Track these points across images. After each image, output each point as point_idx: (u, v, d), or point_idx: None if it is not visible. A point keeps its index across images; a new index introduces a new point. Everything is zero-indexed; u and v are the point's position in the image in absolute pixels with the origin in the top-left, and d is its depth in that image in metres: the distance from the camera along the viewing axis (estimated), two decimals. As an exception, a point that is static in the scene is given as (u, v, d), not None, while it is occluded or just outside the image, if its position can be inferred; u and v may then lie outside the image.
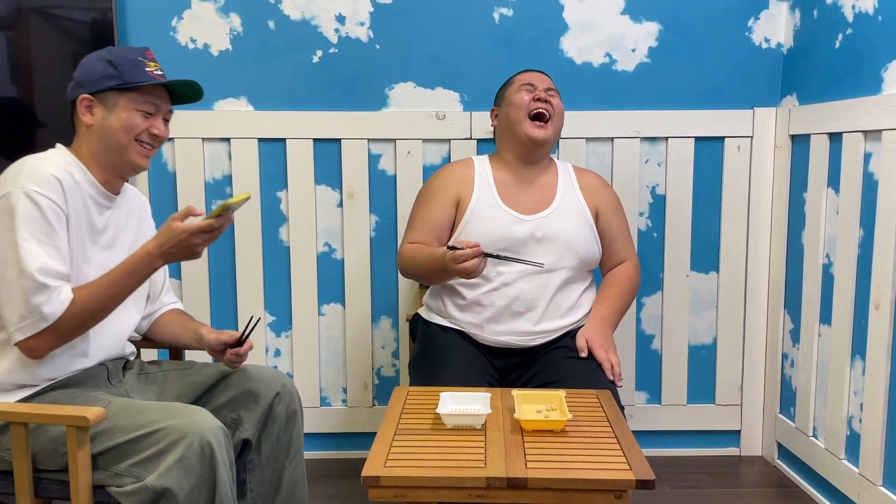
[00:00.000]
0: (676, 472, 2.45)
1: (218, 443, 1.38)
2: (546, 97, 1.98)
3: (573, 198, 2.01)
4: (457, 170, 2.04)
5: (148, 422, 1.38)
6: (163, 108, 1.60)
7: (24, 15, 2.24)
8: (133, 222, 1.69)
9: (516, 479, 1.30)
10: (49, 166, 1.47)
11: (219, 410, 1.65)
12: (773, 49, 2.45)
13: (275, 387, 1.66)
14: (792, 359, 2.41)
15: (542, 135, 1.96)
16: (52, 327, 1.42)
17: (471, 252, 1.73)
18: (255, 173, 2.44)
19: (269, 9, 2.40)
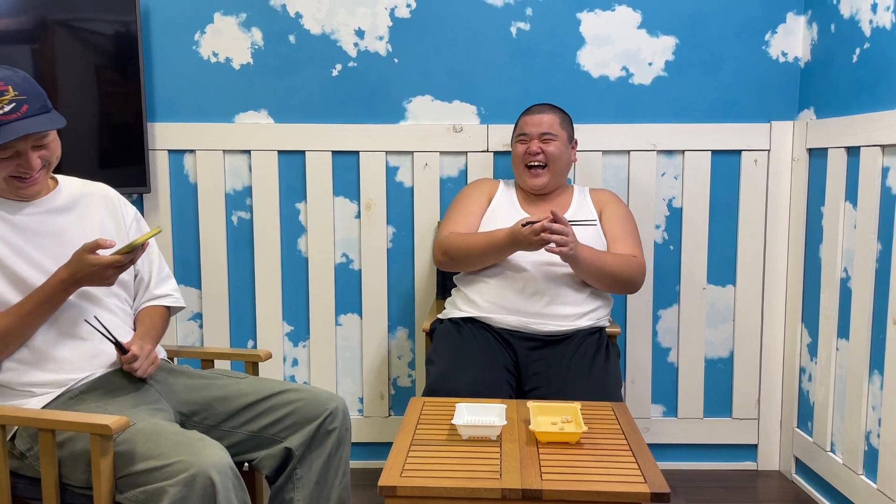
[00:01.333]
0: (693, 485, 2.44)
1: (223, 483, 1.35)
2: (538, 147, 2.12)
3: (584, 208, 2.18)
4: (487, 181, 2.29)
5: (160, 453, 1.38)
6: (24, 146, 1.50)
7: (49, 27, 2.27)
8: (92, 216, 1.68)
9: (531, 491, 1.31)
10: None
11: (268, 427, 1.64)
12: (791, 63, 2.46)
13: (329, 405, 1.65)
14: (809, 373, 2.40)
15: (540, 183, 2.14)
16: None
17: (546, 221, 1.89)
18: (275, 185, 2.48)
19: (290, 23, 2.44)
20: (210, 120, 2.46)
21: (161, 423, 1.47)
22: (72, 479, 1.45)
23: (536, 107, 2.20)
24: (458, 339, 2.01)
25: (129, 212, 1.77)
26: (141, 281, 1.78)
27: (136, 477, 1.38)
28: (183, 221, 2.50)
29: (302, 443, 1.62)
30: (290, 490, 1.63)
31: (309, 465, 1.64)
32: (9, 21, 2.20)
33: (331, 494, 1.66)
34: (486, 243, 2.03)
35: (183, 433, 1.43)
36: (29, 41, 2.25)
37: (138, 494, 1.37)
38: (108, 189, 1.77)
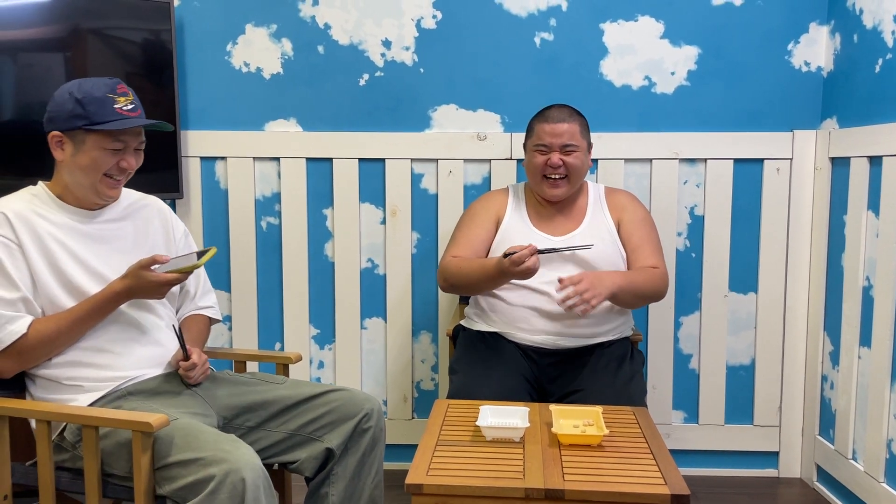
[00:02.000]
0: (713, 492, 2.46)
1: (253, 482, 1.38)
2: (559, 160, 2.03)
3: (601, 217, 2.12)
4: (495, 195, 2.21)
5: (197, 446, 1.43)
6: (132, 143, 1.64)
7: (82, 35, 2.30)
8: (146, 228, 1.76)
9: (554, 491, 1.35)
10: (4, 204, 1.61)
11: (306, 425, 1.70)
12: (813, 72, 2.47)
13: (365, 407, 1.72)
14: (831, 381, 2.41)
15: (559, 193, 2.08)
16: (12, 353, 1.54)
17: (527, 251, 1.83)
18: (303, 191, 2.54)
19: (319, 34, 2.50)
20: (241, 128, 2.53)
21: (199, 424, 1.53)
22: (115, 469, 1.51)
23: (555, 112, 2.07)
24: (480, 350, 2.03)
25: (178, 227, 1.86)
26: (187, 293, 1.86)
27: (171, 469, 1.43)
28: (214, 226, 2.57)
29: (341, 442, 1.69)
30: (326, 485, 1.70)
31: (344, 463, 1.70)
32: (44, 29, 2.24)
33: (363, 492, 1.72)
34: (480, 273, 1.97)
35: (219, 434, 1.49)
36: (63, 49, 2.28)
37: (176, 491, 1.42)
38: (162, 203, 1.86)
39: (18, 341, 1.53)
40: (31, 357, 1.57)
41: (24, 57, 2.23)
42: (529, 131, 2.13)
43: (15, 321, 1.54)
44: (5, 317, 1.53)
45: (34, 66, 2.24)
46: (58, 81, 2.28)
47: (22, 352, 1.54)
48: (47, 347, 1.57)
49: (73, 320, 1.57)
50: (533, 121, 2.12)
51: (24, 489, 1.60)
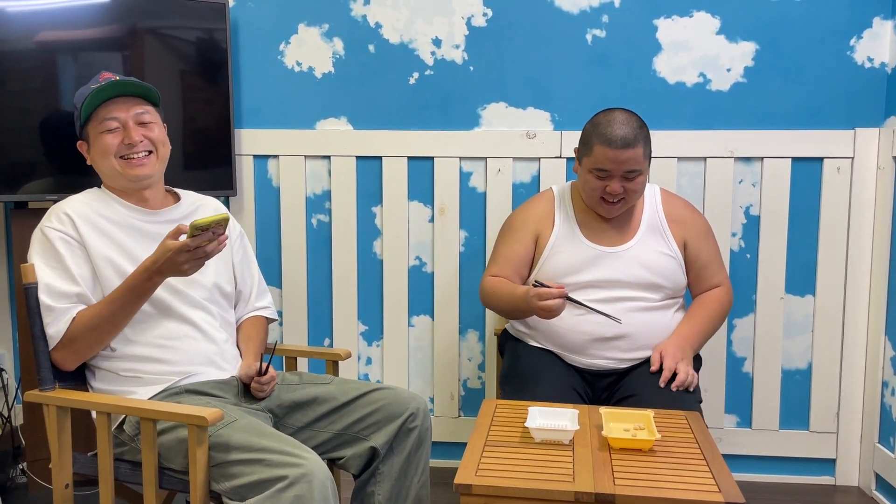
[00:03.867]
0: (767, 499, 2.40)
1: (322, 488, 1.38)
2: (620, 188, 1.88)
3: (657, 227, 2.01)
4: (538, 205, 2.08)
5: (261, 447, 1.43)
6: (126, 116, 1.68)
7: (139, 35, 2.33)
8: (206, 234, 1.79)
9: (604, 496, 1.33)
10: (66, 203, 1.67)
11: (353, 425, 1.71)
12: (877, 68, 2.39)
13: (411, 406, 1.72)
14: (893, 387, 2.33)
15: (616, 213, 1.97)
16: (66, 344, 1.59)
17: (556, 292, 1.75)
18: (353, 189, 2.56)
19: (370, 33, 2.51)
20: (293, 126, 2.56)
21: (262, 424, 1.54)
22: (173, 464, 1.55)
23: (618, 132, 1.85)
24: (530, 365, 1.96)
25: (234, 228, 1.90)
26: (241, 293, 1.89)
27: (231, 466, 1.45)
28: (266, 223, 2.61)
29: (386, 441, 1.69)
30: (371, 484, 1.70)
31: (390, 462, 1.71)
32: (102, 29, 2.29)
33: (409, 491, 1.72)
34: (509, 302, 1.92)
35: (282, 435, 1.50)
36: (121, 48, 2.32)
37: (235, 487, 1.43)
38: (218, 203, 1.90)
39: (68, 332, 1.58)
40: (82, 346, 1.60)
41: (84, 56, 2.29)
42: (587, 146, 1.92)
43: (65, 314, 1.59)
44: (58, 311, 1.59)
45: (93, 65, 2.30)
46: (116, 81, 2.35)
47: (73, 341, 1.59)
48: (93, 334, 1.60)
49: (111, 302, 1.59)
50: (592, 136, 1.90)
51: (84, 479, 1.66)
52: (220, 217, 1.51)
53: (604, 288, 1.94)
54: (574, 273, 1.94)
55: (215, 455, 1.48)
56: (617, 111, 1.92)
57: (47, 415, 1.60)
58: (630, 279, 1.94)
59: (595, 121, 1.93)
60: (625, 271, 1.94)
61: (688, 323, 1.98)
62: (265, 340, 1.91)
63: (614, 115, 1.90)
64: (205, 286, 1.76)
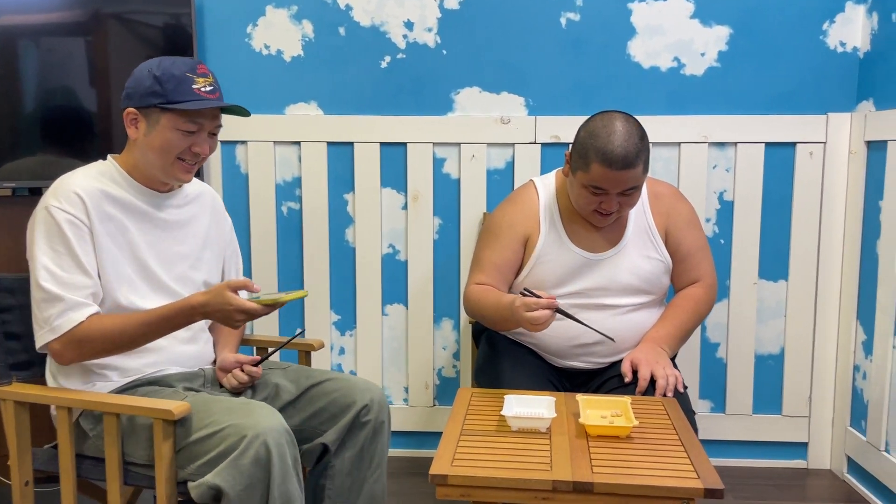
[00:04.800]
0: (741, 483, 2.41)
1: (277, 443, 1.38)
2: (616, 205, 1.78)
3: (645, 227, 1.92)
4: (522, 207, 1.93)
5: (211, 421, 1.41)
6: (207, 126, 1.57)
7: (102, 20, 2.28)
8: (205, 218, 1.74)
9: (582, 484, 1.31)
10: (75, 181, 1.53)
11: (307, 420, 1.67)
12: (849, 53, 2.39)
13: (364, 397, 1.66)
14: (864, 371, 2.35)
15: (605, 223, 1.86)
16: (73, 341, 1.47)
17: (545, 302, 1.64)
18: (324, 176, 2.51)
19: (340, 16, 2.46)
20: (261, 111, 2.50)
21: (208, 396, 1.52)
22: (135, 457, 1.50)
23: (619, 149, 1.69)
24: (507, 358, 1.91)
25: (227, 221, 1.83)
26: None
27: (191, 447, 1.42)
28: (234, 211, 2.53)
29: (337, 437, 1.65)
30: (323, 478, 1.67)
31: (342, 456, 1.66)
32: (64, 14, 2.23)
33: (362, 487, 1.67)
34: (494, 311, 1.80)
35: (231, 400, 1.48)
36: (83, 34, 2.27)
37: (198, 468, 1.41)
38: (215, 192, 1.81)
39: (76, 329, 1.47)
40: (89, 349, 1.50)
41: (46, 42, 2.22)
42: (583, 160, 1.75)
43: (77, 309, 1.48)
44: (69, 302, 1.47)
45: (55, 50, 2.23)
46: (79, 66, 2.28)
47: (82, 342, 1.48)
48: (108, 344, 1.50)
49: (141, 323, 1.50)
50: (590, 152, 1.73)
51: (45, 475, 1.60)
52: (302, 294, 1.53)
53: (590, 296, 1.88)
54: (562, 283, 1.87)
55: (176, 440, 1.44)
56: (617, 120, 1.74)
57: (4, 410, 1.53)
58: (616, 286, 1.87)
59: (593, 131, 1.75)
60: (612, 279, 1.87)
61: (661, 325, 1.90)
62: (242, 333, 1.85)
63: (614, 128, 1.72)
64: (196, 285, 1.69)
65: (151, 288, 1.61)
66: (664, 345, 1.86)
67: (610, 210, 1.79)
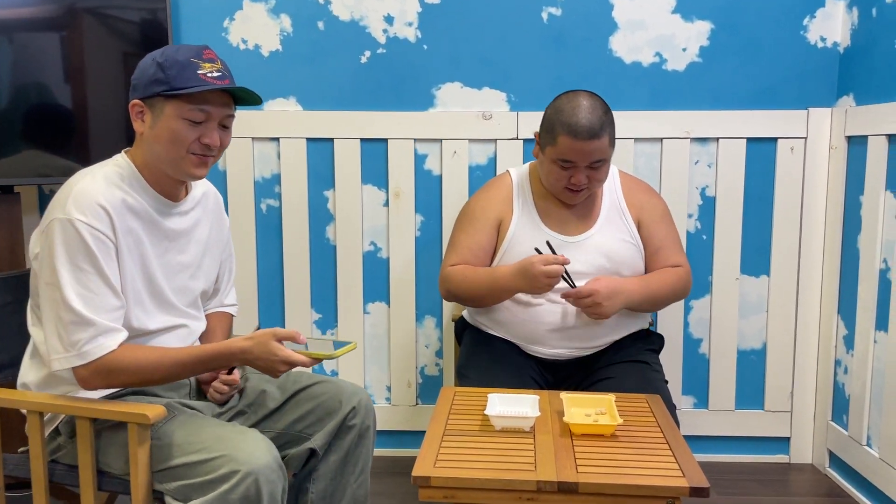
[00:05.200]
0: (724, 478, 2.41)
1: (268, 481, 1.34)
2: (585, 179, 1.82)
3: (618, 211, 1.95)
4: (496, 191, 1.98)
5: (203, 448, 1.36)
6: (216, 114, 1.45)
7: (77, 15, 2.25)
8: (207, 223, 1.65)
9: (567, 484, 1.30)
10: (98, 189, 1.41)
11: (294, 423, 1.63)
12: (830, 48, 2.39)
13: (352, 401, 1.62)
14: (845, 365, 2.35)
15: (577, 200, 1.90)
16: (104, 371, 1.38)
17: (561, 258, 1.71)
18: (304, 172, 2.47)
19: (319, 10, 2.42)
20: (238, 107, 2.44)
21: (199, 415, 1.47)
22: (113, 468, 1.46)
23: (583, 121, 1.77)
24: (489, 355, 1.91)
25: (226, 223, 1.74)
26: (218, 286, 1.75)
27: (176, 470, 1.38)
28: (212, 209, 2.50)
29: (325, 442, 1.62)
30: (307, 482, 1.64)
31: (328, 460, 1.64)
32: (37, 9, 2.20)
33: (346, 490, 1.65)
34: (488, 283, 1.83)
35: (223, 426, 1.43)
36: (57, 28, 2.23)
37: (180, 487, 1.37)
38: (217, 192, 1.72)
39: (107, 357, 1.37)
40: (117, 379, 1.41)
41: (20, 37, 2.17)
42: (550, 134, 1.82)
43: (109, 334, 1.38)
44: (101, 327, 1.37)
45: (29, 46, 2.19)
46: (53, 62, 2.24)
47: (112, 372, 1.38)
48: (138, 378, 1.41)
49: (176, 362, 1.42)
50: (556, 125, 1.80)
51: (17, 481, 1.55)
52: (351, 348, 1.45)
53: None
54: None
55: (156, 455, 1.40)
56: (581, 96, 1.83)
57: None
58: (591, 270, 1.88)
59: (558, 107, 1.84)
60: (586, 261, 1.88)
61: (638, 279, 1.89)
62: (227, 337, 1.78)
63: (579, 102, 1.80)
64: (192, 294, 1.62)
65: (156, 303, 1.53)
66: (631, 290, 1.83)
67: (579, 184, 1.82)
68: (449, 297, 1.97)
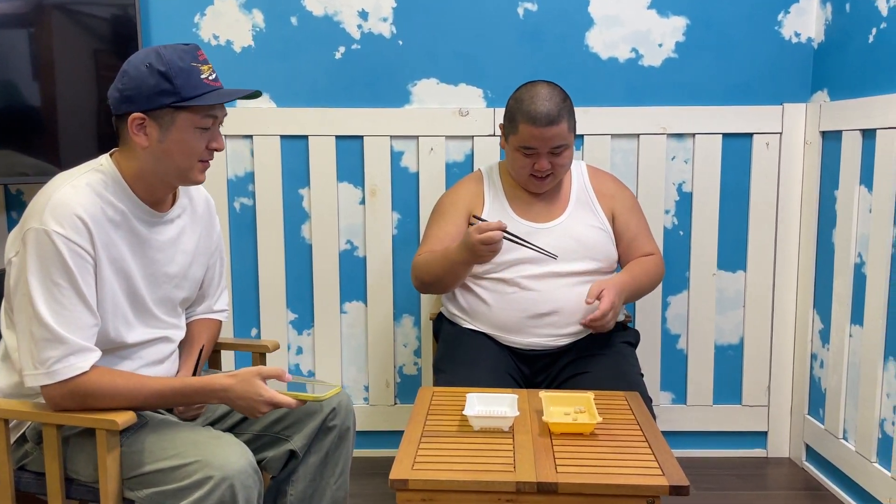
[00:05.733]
0: (702, 473, 2.42)
1: (244, 486, 1.31)
2: (548, 164, 1.88)
3: (586, 201, 2.02)
4: (467, 186, 2.05)
5: (176, 453, 1.33)
6: (221, 117, 1.44)
7: (45, 11, 2.21)
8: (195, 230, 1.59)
9: (547, 484, 1.28)
10: (77, 199, 1.34)
11: (272, 424, 1.60)
12: (804, 44, 2.40)
13: (332, 401, 1.59)
14: (821, 359, 2.37)
15: (546, 188, 1.96)
16: (77, 394, 1.32)
17: (495, 224, 1.73)
18: (278, 170, 2.43)
19: (292, 4, 2.38)
20: (211, 104, 2.41)
21: (171, 420, 1.43)
22: (82, 476, 1.42)
23: (541, 107, 1.84)
24: (466, 347, 1.91)
25: (217, 227, 1.68)
26: (202, 294, 1.69)
27: (148, 477, 1.34)
28: (184, 208, 2.45)
29: (305, 443, 1.59)
30: (286, 484, 1.62)
31: (307, 462, 1.61)
32: (6, 5, 2.15)
33: (325, 492, 1.62)
34: (444, 260, 1.86)
35: (197, 430, 1.40)
36: (26, 25, 2.19)
37: (152, 494, 1.33)
38: (208, 196, 1.65)
39: (79, 379, 1.32)
40: (89, 401, 1.34)
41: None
42: (512, 123, 1.90)
43: (81, 354, 1.32)
44: (73, 346, 1.31)
45: (-1, 43, 2.14)
46: (21, 59, 2.19)
47: (86, 396, 1.33)
48: (111, 403, 1.34)
49: (154, 392, 1.37)
50: (517, 114, 1.88)
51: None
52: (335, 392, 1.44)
53: (536, 264, 1.90)
54: (507, 251, 1.88)
55: (127, 462, 1.36)
56: (539, 85, 1.91)
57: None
58: (562, 255, 1.90)
59: (518, 97, 1.91)
60: (557, 247, 1.90)
61: (626, 273, 1.95)
62: (212, 347, 1.72)
63: (537, 91, 1.88)
64: (173, 304, 1.57)
65: (137, 315, 1.47)
66: (627, 289, 1.90)
67: (543, 170, 1.89)
68: (417, 284, 1.99)
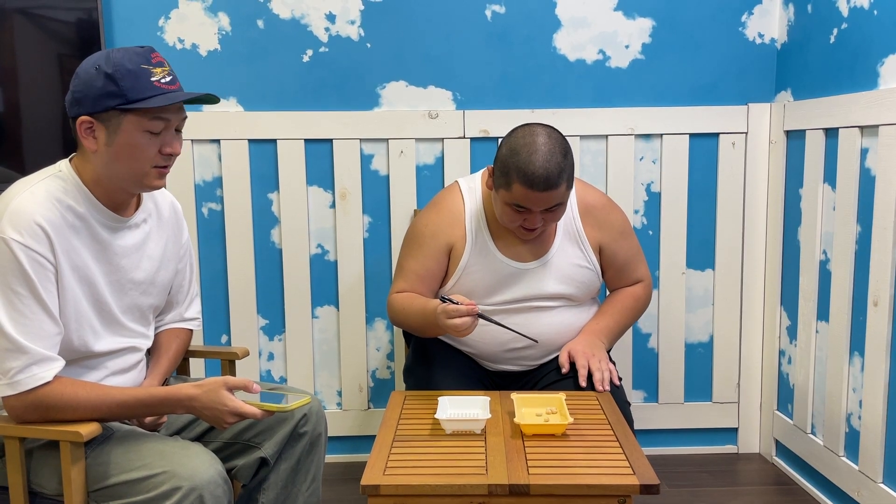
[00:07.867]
0: (674, 470, 2.44)
1: (213, 496, 1.30)
2: (540, 221, 1.74)
3: (573, 234, 1.88)
4: (447, 214, 1.88)
5: (143, 464, 1.31)
6: (175, 121, 1.38)
7: (7, 15, 2.19)
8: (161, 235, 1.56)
9: (519, 486, 1.28)
10: (36, 206, 1.31)
11: (242, 432, 1.57)
12: (767, 44, 2.44)
13: (303, 408, 1.57)
14: (789, 356, 2.40)
15: (531, 237, 1.81)
16: (39, 405, 1.30)
17: (465, 309, 1.61)
18: (246, 175, 2.41)
19: (258, 8, 2.36)
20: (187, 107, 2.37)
21: (138, 431, 1.41)
22: (46, 489, 1.39)
23: (540, 170, 1.64)
24: (439, 354, 1.88)
25: (185, 232, 1.65)
26: (171, 302, 1.66)
27: (115, 489, 1.32)
28: (151, 214, 2.42)
29: (276, 451, 1.57)
30: (257, 492, 1.60)
31: (278, 469, 1.59)
32: (-36, 9, 2.11)
33: (297, 499, 1.61)
34: (419, 318, 1.76)
35: (164, 441, 1.38)
36: (-12, 29, 2.16)
37: None
38: (174, 201, 1.62)
39: (41, 390, 1.29)
40: (52, 413, 1.31)
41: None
42: (505, 178, 1.70)
43: (43, 364, 1.29)
44: (34, 355, 1.28)
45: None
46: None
47: (49, 408, 1.31)
48: (73, 415, 1.32)
49: (118, 403, 1.35)
50: (511, 171, 1.67)
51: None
52: (305, 402, 1.40)
53: (519, 302, 1.85)
54: (490, 294, 1.83)
55: (93, 475, 1.33)
56: (538, 135, 1.70)
57: None
58: (545, 293, 1.85)
59: (514, 147, 1.70)
60: (541, 288, 1.84)
61: (599, 319, 1.90)
62: (181, 357, 1.68)
63: (536, 146, 1.67)
64: (142, 311, 1.53)
65: (104, 324, 1.45)
66: (602, 337, 1.86)
67: (534, 226, 1.75)
68: (394, 323, 1.93)
